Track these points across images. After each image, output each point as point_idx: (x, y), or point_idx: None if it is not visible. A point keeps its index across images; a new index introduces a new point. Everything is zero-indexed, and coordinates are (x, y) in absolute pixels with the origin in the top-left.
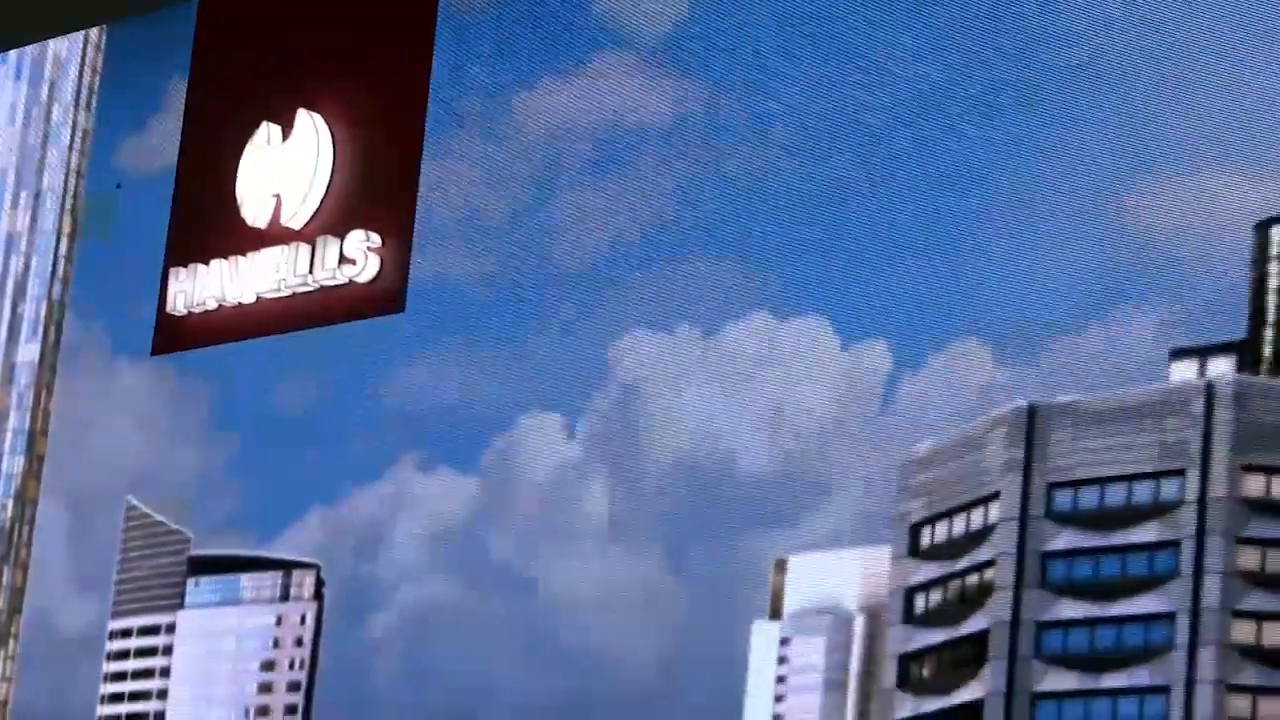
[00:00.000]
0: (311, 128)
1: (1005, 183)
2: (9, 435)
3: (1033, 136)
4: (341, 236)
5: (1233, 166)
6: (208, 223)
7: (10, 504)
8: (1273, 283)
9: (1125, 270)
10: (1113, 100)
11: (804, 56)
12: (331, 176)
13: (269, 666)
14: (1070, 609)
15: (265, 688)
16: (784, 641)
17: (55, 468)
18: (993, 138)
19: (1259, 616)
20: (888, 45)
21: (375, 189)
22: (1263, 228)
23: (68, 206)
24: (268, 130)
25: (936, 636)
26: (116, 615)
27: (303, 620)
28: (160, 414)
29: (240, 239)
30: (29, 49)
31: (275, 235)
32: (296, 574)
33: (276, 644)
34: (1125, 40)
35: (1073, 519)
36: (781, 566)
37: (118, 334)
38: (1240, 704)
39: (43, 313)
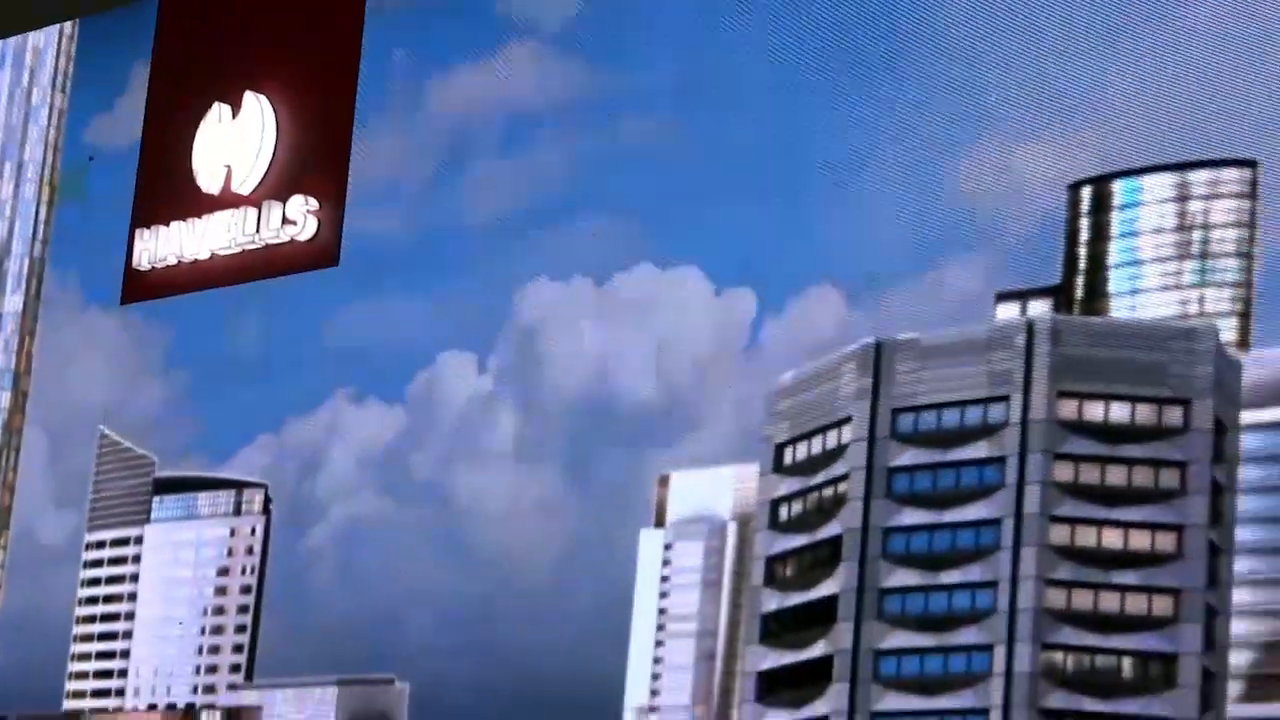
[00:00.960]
0: (257, 107)
1: (854, 148)
2: (5, 375)
3: (878, 108)
4: (284, 201)
5: (1048, 135)
6: (168, 190)
7: (2, 433)
8: (1082, 235)
9: (957, 225)
10: (948, 75)
11: (677, 38)
12: (275, 149)
13: (224, 572)
14: (912, 516)
15: (221, 590)
16: (667, 547)
17: (37, 402)
18: (843, 108)
19: (1072, 521)
20: (749, 24)
21: (312, 160)
22: (1074, 188)
23: (46, 177)
24: (219, 110)
25: (797, 541)
26: (91, 529)
27: (253, 532)
28: (127, 355)
29: (196, 204)
30: (11, 40)
31: (226, 200)
32: (247, 492)
33: (230, 553)
34: (958, 22)
35: (914, 439)
36: (664, 482)
37: (90, 286)
38: (1056, 596)
39: (25, 269)
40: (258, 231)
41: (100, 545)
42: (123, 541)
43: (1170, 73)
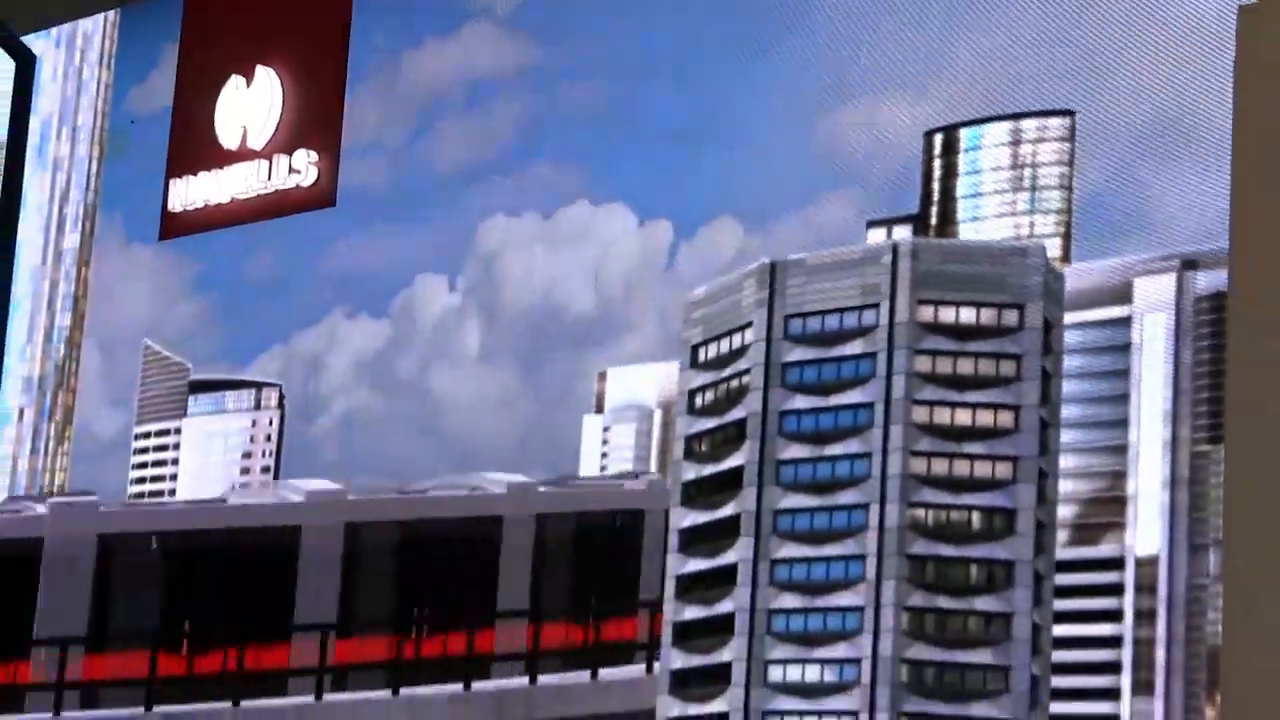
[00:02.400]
0: (267, 78)
1: (750, 106)
2: (60, 299)
3: (770, 72)
4: (290, 154)
5: (907, 92)
6: (195, 146)
7: (62, 347)
8: (936, 174)
9: (834, 167)
10: (827, 45)
11: (605, 19)
12: (282, 112)
13: (247, 455)
14: (802, 401)
15: (245, 470)
16: (605, 429)
17: (92, 321)
18: (741, 73)
19: (930, 403)
20: (663, 5)
21: (312, 121)
22: (929, 135)
23: (95, 138)
24: (236, 81)
25: (710, 423)
26: (139, 423)
27: (270, 423)
28: (164, 281)
29: (219, 157)
30: (64, 27)
31: (243, 154)
32: (264, 391)
33: (252, 440)
34: (834, 2)
35: (802, 339)
36: (602, 377)
37: (133, 226)
38: (918, 464)
39: (80, 213)
40: (269, 179)
41: (146, 436)
42: (164, 433)
43: (1004, 38)
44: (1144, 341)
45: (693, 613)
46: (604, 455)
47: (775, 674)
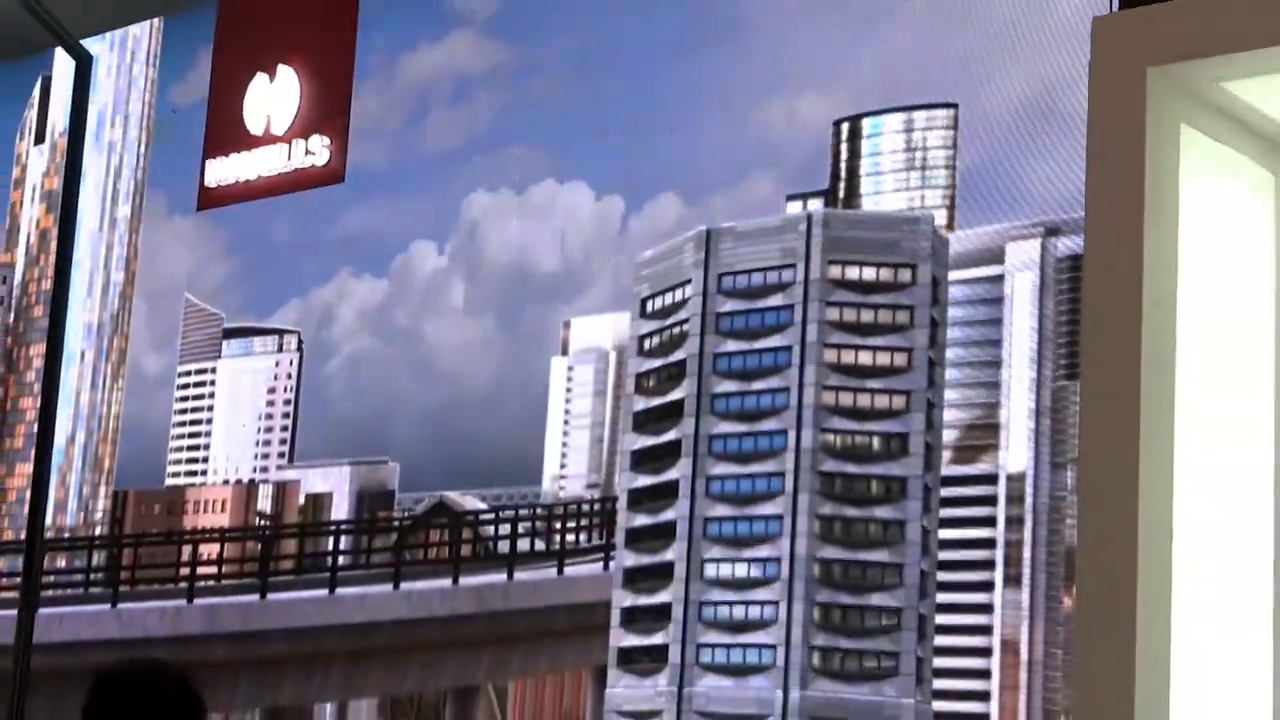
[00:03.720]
0: (287, 75)
1: (690, 98)
2: (114, 259)
3: (707, 70)
4: (306, 139)
5: (821, 85)
6: (227, 132)
7: (117, 300)
8: (843, 155)
9: (759, 150)
10: (754, 46)
11: (568, 24)
12: (299, 104)
13: (272, 391)
14: (732, 345)
15: (270, 403)
16: (569, 369)
17: (141, 278)
18: (682, 70)
19: (839, 346)
20: (618, 11)
21: (325, 111)
22: (837, 124)
23: (144, 124)
24: (261, 77)
25: (656, 363)
26: (181, 363)
27: (290, 363)
28: (202, 245)
29: (247, 141)
30: (117, 31)
31: (267, 139)
32: (286, 337)
33: (275, 378)
34: (762, 9)
35: (733, 293)
36: (567, 325)
37: (175, 199)
38: (829, 397)
39: (131, 188)
40: (289, 160)
41: (187, 374)
42: (202, 372)
43: (899, 43)
44: (1014, 295)
45: (642, 520)
46: (568, 391)
47: (710, 571)
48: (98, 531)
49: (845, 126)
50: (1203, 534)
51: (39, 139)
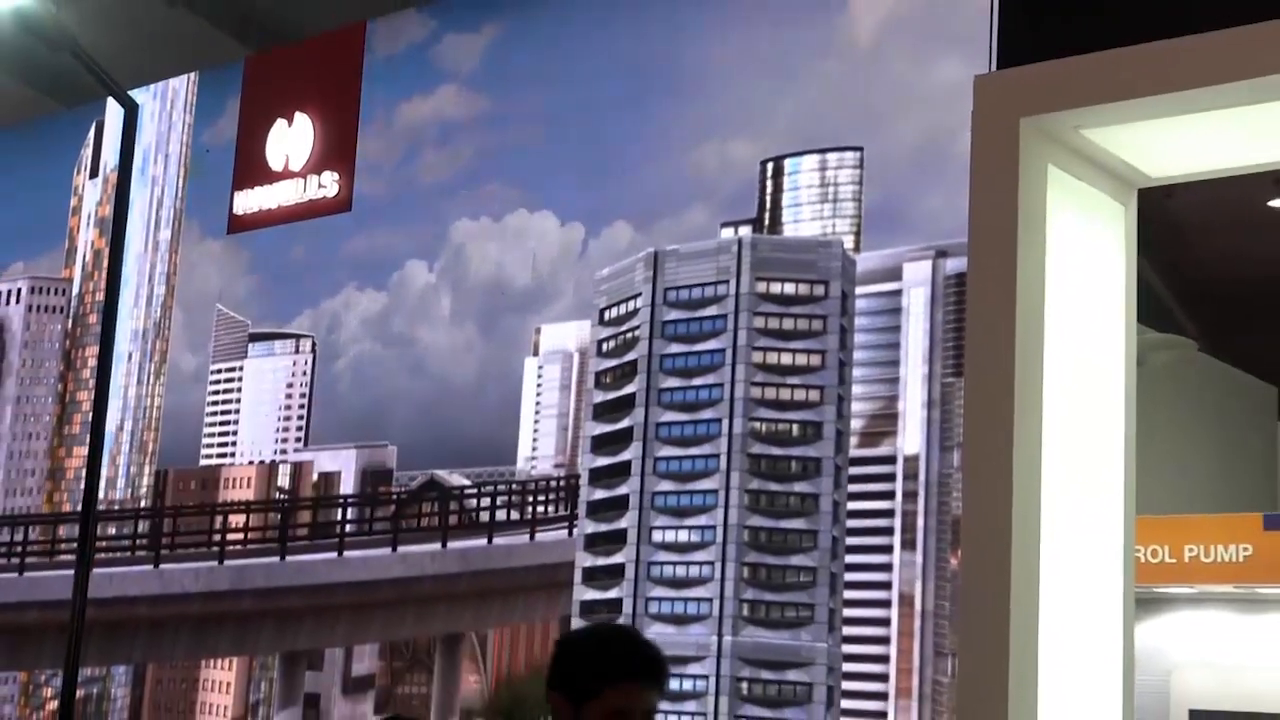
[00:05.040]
0: (303, 121)
1: (640, 140)
2: (157, 275)
3: (650, 118)
4: (319, 174)
5: (750, 132)
6: (252, 168)
7: (159, 309)
8: (769, 190)
9: (699, 185)
10: (693, 96)
11: (535, 79)
12: (313, 145)
13: (289, 386)
14: (676, 348)
15: (288, 396)
16: (540, 367)
17: (180, 290)
18: (632, 119)
19: (764, 349)
20: (575, 70)
21: (335, 151)
22: (764, 163)
23: (182, 162)
24: (280, 122)
25: (612, 363)
26: (213, 363)
27: (305, 363)
28: (231, 263)
29: (269, 176)
30: (159, 84)
31: (286, 174)
32: (302, 341)
33: (293, 375)
34: (698, 63)
35: (677, 305)
36: (538, 331)
37: (208, 224)
38: (756, 391)
39: (172, 215)
40: (304, 192)
41: (218, 372)
42: (231, 370)
43: (814, 97)
44: (910, 307)
45: (600, 494)
46: (538, 386)
47: (657, 536)
48: (142, 504)
49: (770, 166)
50: (1065, 504)
51: (93, 174)
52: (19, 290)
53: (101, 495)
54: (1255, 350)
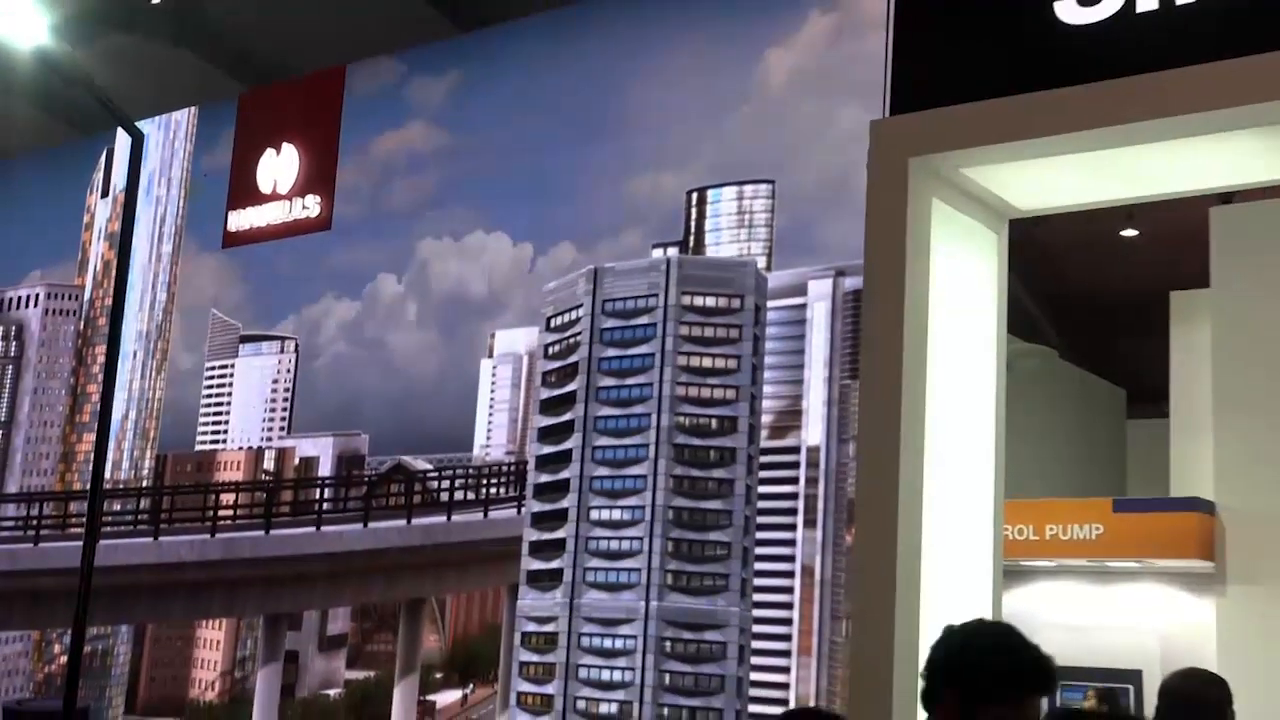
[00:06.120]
0: (291, 150)
1: (584, 171)
2: (160, 284)
3: (591, 150)
4: (303, 197)
5: (678, 166)
6: (245, 191)
7: (160, 313)
8: (694, 216)
9: (634, 211)
10: (628, 133)
11: (494, 114)
12: (298, 171)
13: (275, 382)
14: (612, 352)
15: (273, 391)
16: (494, 368)
17: (180, 297)
18: (575, 150)
19: (688, 353)
20: (533, 107)
21: (317, 178)
22: (689, 193)
23: (183, 185)
24: (270, 151)
25: (557, 364)
26: (208, 360)
27: (289, 362)
28: (225, 274)
29: (259, 198)
30: (163, 116)
31: (275, 197)
32: (286, 342)
33: (278, 373)
34: (636, 108)
35: (613, 314)
36: (493, 336)
37: (205, 240)
38: (680, 390)
39: (174, 231)
40: (290, 212)
41: (212, 369)
42: (224, 368)
43: (733, 136)
44: (813, 319)
45: (545, 478)
46: (493, 385)
47: (594, 515)
48: (144, 483)
49: (694, 195)
50: (944, 488)
51: (104, 194)
52: (37, 295)
53: (108, 476)
54: (1108, 358)
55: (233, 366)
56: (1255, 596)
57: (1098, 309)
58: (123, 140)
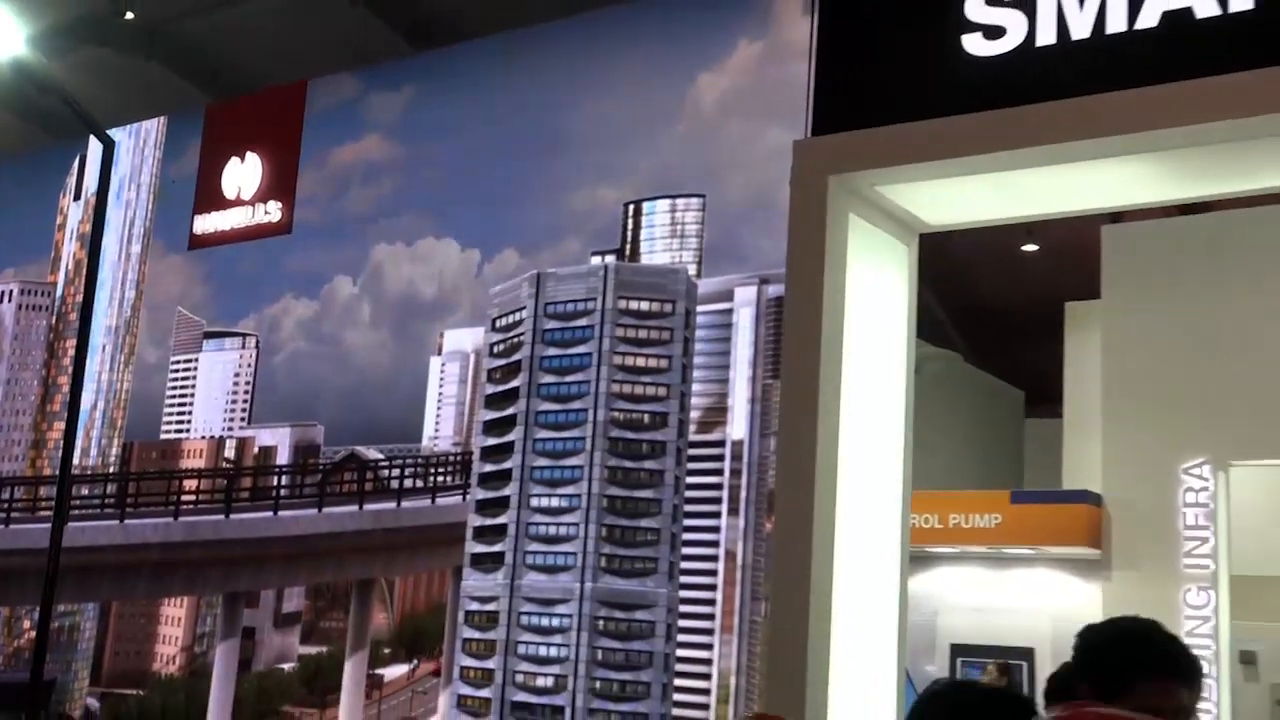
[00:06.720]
0: (254, 159)
1: (529, 184)
2: (128, 281)
3: (538, 163)
4: (265, 203)
5: (616, 180)
6: (210, 196)
7: (129, 309)
8: (629, 226)
9: (573, 219)
10: (571, 149)
11: (445, 131)
12: (261, 178)
13: (237, 375)
14: (553, 351)
15: (234, 384)
16: (442, 365)
17: (147, 295)
18: (522, 164)
19: (624, 353)
20: (487, 119)
21: (279, 185)
22: (626, 205)
23: (151, 189)
24: (234, 160)
25: (501, 362)
26: (174, 354)
27: (251, 358)
28: (190, 272)
29: (224, 203)
30: (134, 125)
31: (238, 202)
32: (247, 338)
33: (239, 367)
34: (577, 127)
35: (554, 316)
36: (441, 335)
37: (172, 242)
38: (616, 387)
39: (142, 232)
40: (253, 217)
41: (177, 363)
42: (189, 362)
43: (667, 154)
44: (739, 323)
45: (489, 468)
46: (441, 381)
47: (534, 502)
48: (111, 469)
49: (631, 207)
50: (856, 480)
51: (76, 197)
52: (11, 291)
53: (77, 462)
54: (1008, 363)
55: (197, 360)
56: (1136, 581)
57: (999, 317)
58: (95, 147)
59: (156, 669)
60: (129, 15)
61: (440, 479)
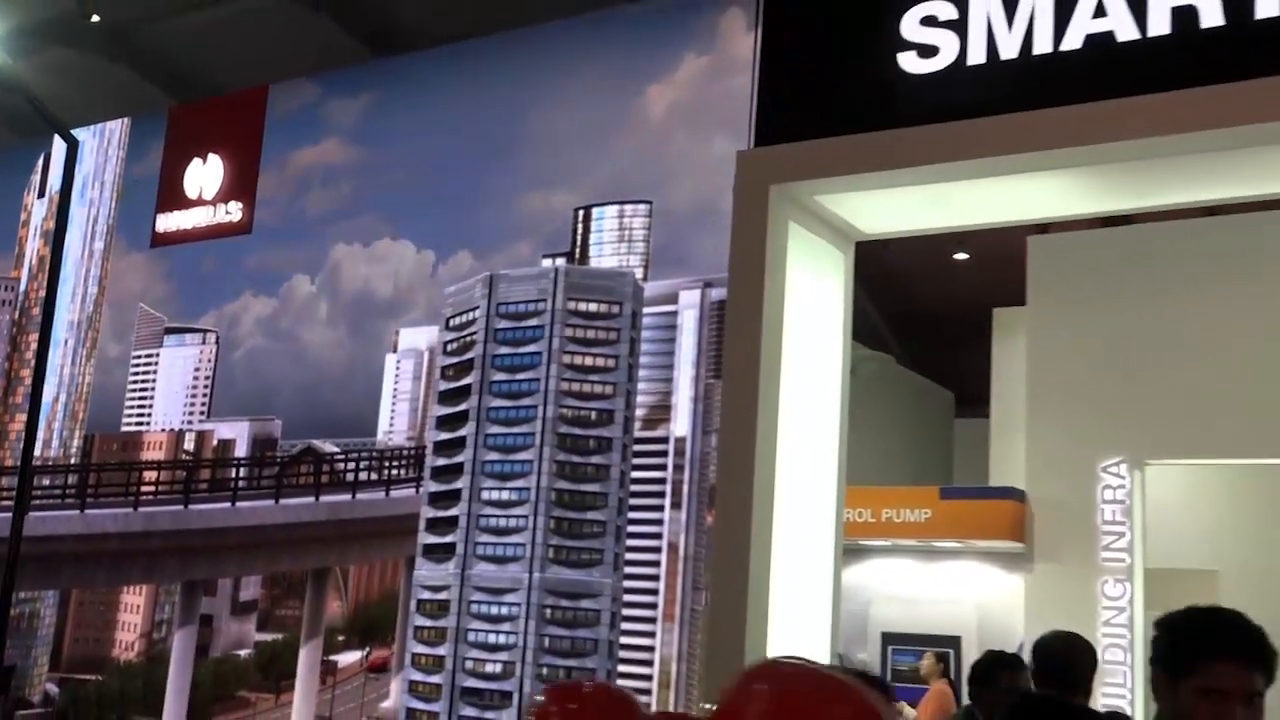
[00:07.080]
0: (216, 160)
1: (484, 188)
2: (91, 278)
3: (495, 168)
4: (226, 203)
5: (567, 186)
6: (173, 196)
7: (91, 305)
8: (579, 231)
9: (528, 225)
10: (533, 154)
11: (404, 133)
12: (222, 178)
13: (197, 369)
14: (505, 350)
15: (194, 379)
16: (398, 362)
17: (110, 291)
18: (479, 166)
19: (572, 353)
20: (446, 122)
21: (239, 185)
22: (577, 210)
23: (115, 188)
24: (196, 160)
25: (454, 360)
26: (135, 350)
27: (210, 353)
28: (152, 270)
29: (186, 203)
30: (98, 125)
31: (200, 202)
32: (208, 334)
33: (199, 363)
34: (534, 138)
35: (505, 316)
36: (396, 334)
37: (134, 240)
38: (565, 385)
39: (105, 230)
40: (214, 216)
41: (139, 358)
42: (150, 357)
43: (618, 164)
44: (683, 324)
45: (441, 461)
46: (396, 377)
47: (485, 495)
48: (72, 460)
49: (581, 212)
50: (793, 476)
51: (40, 194)
52: None
53: (38, 453)
54: (939, 365)
55: (158, 355)
56: (1057, 573)
57: (931, 322)
58: (59, 146)
59: (115, 655)
60: (95, 18)
61: (394, 472)
